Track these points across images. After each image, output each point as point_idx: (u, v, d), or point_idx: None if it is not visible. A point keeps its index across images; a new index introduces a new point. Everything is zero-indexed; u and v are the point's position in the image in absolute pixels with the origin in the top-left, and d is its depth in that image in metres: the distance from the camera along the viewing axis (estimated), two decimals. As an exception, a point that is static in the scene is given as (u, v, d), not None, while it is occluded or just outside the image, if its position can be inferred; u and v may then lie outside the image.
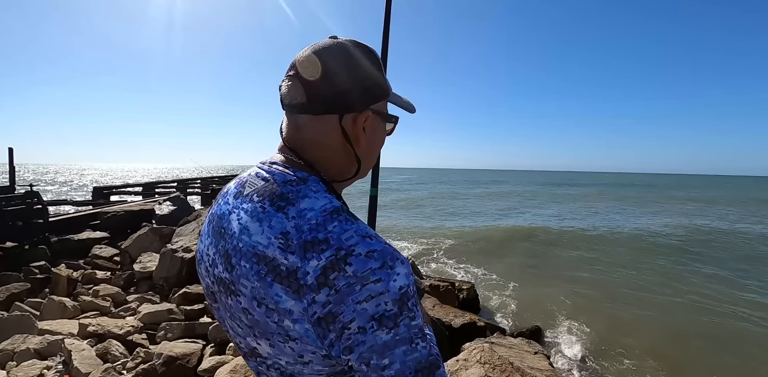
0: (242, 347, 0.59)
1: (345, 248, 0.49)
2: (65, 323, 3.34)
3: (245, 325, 0.55)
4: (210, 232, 0.62)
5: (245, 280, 0.52)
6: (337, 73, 0.58)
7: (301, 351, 0.52)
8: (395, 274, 0.49)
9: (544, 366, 2.73)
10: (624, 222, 17.18)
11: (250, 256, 0.52)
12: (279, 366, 0.56)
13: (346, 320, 0.48)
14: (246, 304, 0.53)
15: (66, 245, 5.89)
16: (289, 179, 0.57)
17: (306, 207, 0.53)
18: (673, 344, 5.22)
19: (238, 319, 0.56)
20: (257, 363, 0.59)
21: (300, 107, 0.59)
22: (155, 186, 16.63)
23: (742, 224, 17.02)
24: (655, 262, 9.92)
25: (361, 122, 0.60)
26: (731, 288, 7.71)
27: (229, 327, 0.60)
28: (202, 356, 2.81)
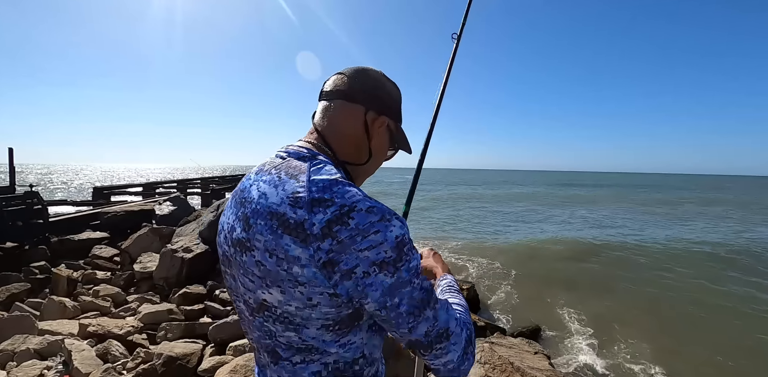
0: (251, 303, 0.65)
1: (348, 205, 0.57)
2: (65, 323, 3.34)
3: (257, 277, 0.61)
4: (232, 204, 0.70)
5: (259, 235, 0.60)
6: (378, 81, 0.75)
7: (310, 293, 0.58)
8: (392, 225, 0.57)
9: (544, 366, 2.73)
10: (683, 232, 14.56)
11: (264, 214, 0.60)
12: (287, 314, 0.62)
13: (350, 266, 0.56)
14: (259, 257, 0.60)
15: (66, 245, 5.89)
16: (302, 155, 0.68)
17: (315, 176, 0.61)
18: (675, 346, 5.21)
19: (250, 274, 0.62)
20: (264, 319, 0.64)
21: (339, 92, 0.73)
22: (155, 186, 16.63)
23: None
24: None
25: (379, 123, 0.75)
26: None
27: (241, 285, 0.66)
28: (202, 356, 2.81)
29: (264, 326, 0.65)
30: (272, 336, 0.65)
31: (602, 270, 9.06)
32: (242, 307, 0.70)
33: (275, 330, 0.64)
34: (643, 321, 5.98)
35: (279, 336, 0.65)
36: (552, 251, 11.18)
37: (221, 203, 6.07)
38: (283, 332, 0.64)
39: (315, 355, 0.65)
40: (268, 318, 0.64)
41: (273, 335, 0.65)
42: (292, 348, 0.65)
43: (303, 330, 0.63)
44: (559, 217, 19.33)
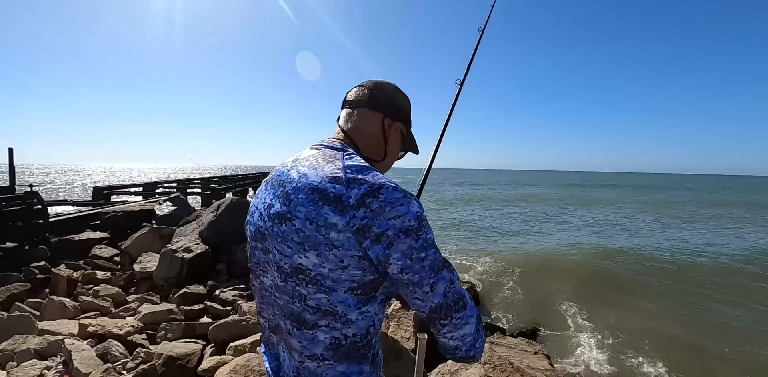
0: (286, 268, 0.74)
1: (377, 184, 0.70)
2: (65, 323, 3.34)
3: (296, 243, 0.71)
4: (268, 187, 0.82)
5: (301, 207, 0.71)
6: (393, 93, 0.91)
7: (342, 256, 0.69)
8: (413, 203, 0.71)
9: (544, 366, 2.73)
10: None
11: (306, 190, 0.72)
12: (320, 277, 0.71)
13: (380, 230, 0.67)
14: (299, 225, 0.70)
15: (66, 245, 5.88)
16: (336, 147, 0.82)
17: (348, 162, 0.75)
18: (676, 347, 5.21)
19: (289, 240, 0.72)
20: (297, 282, 0.73)
21: (361, 102, 0.88)
22: (155, 186, 16.63)
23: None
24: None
25: (394, 127, 0.90)
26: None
27: (277, 252, 0.74)
28: (202, 356, 2.81)
29: (296, 290, 0.73)
30: (303, 299, 0.73)
31: (609, 273, 9.03)
32: (269, 278, 0.78)
33: (307, 292, 0.72)
34: (644, 322, 5.98)
35: (309, 298, 0.72)
36: (556, 252, 11.18)
37: (221, 203, 6.07)
38: (314, 294, 0.72)
39: (337, 322, 0.73)
40: (302, 280, 0.72)
41: (303, 298, 0.73)
42: (319, 312, 0.73)
43: (332, 292, 0.71)
44: (580, 220, 18.29)
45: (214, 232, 5.50)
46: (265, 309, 0.83)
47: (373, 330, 0.78)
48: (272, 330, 0.83)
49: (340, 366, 0.76)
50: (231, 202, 6.06)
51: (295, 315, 0.74)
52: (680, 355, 4.90)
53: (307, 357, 0.76)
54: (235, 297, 4.19)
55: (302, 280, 0.72)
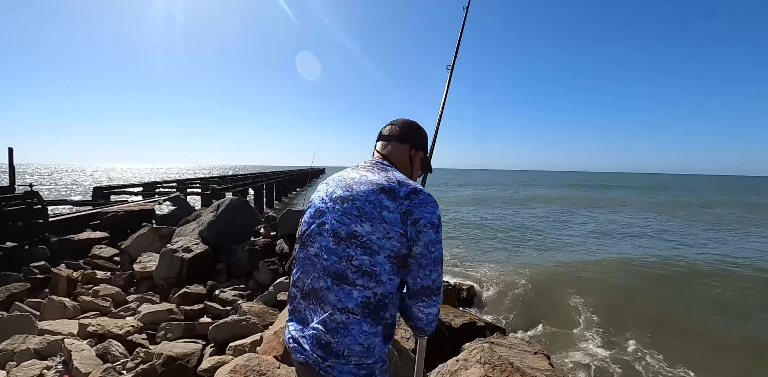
0: (342, 234, 0.99)
1: (418, 189, 1.03)
2: (65, 323, 3.34)
3: (354, 216, 0.98)
4: (330, 183, 1.12)
5: (362, 193, 1.01)
6: (416, 130, 1.25)
7: (389, 230, 0.96)
8: (437, 207, 1.04)
9: (544, 366, 2.73)
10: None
11: (366, 183, 1.03)
12: (369, 242, 0.96)
13: (417, 217, 0.98)
14: (360, 204, 0.99)
15: (66, 245, 5.88)
16: (384, 164, 1.14)
17: (396, 173, 1.10)
18: (678, 348, 5.20)
19: (348, 214, 0.99)
20: (348, 245, 0.97)
21: (394, 136, 1.22)
22: (155, 186, 16.62)
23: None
24: (655, 262, 9.90)
25: (418, 156, 1.25)
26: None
27: (335, 222, 1.00)
28: (202, 356, 2.81)
29: (346, 251, 0.97)
30: (349, 259, 0.96)
31: (610, 276, 9.01)
32: (315, 247, 1.03)
33: (354, 253, 0.96)
34: (646, 323, 5.97)
35: (355, 259, 0.96)
36: (559, 253, 11.17)
37: (221, 203, 6.06)
38: (360, 255, 0.96)
39: (371, 282, 0.96)
40: (353, 244, 0.97)
41: (350, 258, 0.96)
42: (359, 272, 0.96)
43: (375, 255, 0.96)
44: (598, 223, 17.45)
45: (214, 232, 5.49)
46: (301, 278, 1.06)
47: (392, 297, 1.00)
48: (304, 296, 1.04)
49: (364, 323, 0.95)
50: (231, 202, 6.06)
51: (339, 273, 0.97)
52: (683, 357, 4.90)
53: (338, 309, 0.95)
54: (235, 297, 4.19)
55: (353, 243, 0.97)
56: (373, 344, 0.96)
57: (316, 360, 0.95)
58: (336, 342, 0.94)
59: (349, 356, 0.94)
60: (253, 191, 20.18)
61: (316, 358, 0.95)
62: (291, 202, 25.35)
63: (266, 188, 22.30)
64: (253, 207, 6.57)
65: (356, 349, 0.94)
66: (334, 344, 0.94)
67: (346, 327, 0.94)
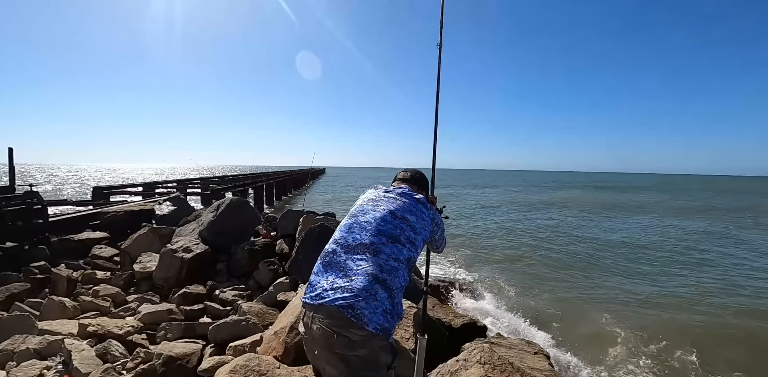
0: (397, 214, 1.54)
1: (437, 208, 1.82)
2: (65, 323, 3.33)
3: (406, 209, 1.57)
4: (379, 188, 1.75)
5: (402, 202, 1.60)
6: (422, 176, 1.94)
7: (426, 224, 1.61)
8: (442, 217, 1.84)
9: (544, 367, 2.73)
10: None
11: (405, 194, 1.66)
12: (413, 225, 1.53)
13: (438, 222, 1.71)
14: (409, 205, 1.60)
15: (66, 245, 5.88)
16: (411, 190, 1.77)
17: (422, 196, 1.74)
18: (678, 344, 5.20)
19: (401, 206, 1.58)
20: (401, 221, 1.52)
21: (406, 180, 1.88)
22: (155, 186, 16.62)
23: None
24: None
25: (421, 193, 1.82)
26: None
27: (391, 205, 1.58)
28: (201, 356, 2.81)
29: (400, 225, 1.49)
30: (403, 230, 1.48)
31: (610, 277, 9.03)
32: (368, 217, 1.52)
33: (405, 229, 1.50)
34: (647, 324, 5.97)
35: (406, 232, 1.49)
36: (562, 254, 11.17)
37: (221, 203, 6.06)
38: (409, 231, 1.50)
39: (413, 249, 1.48)
40: (404, 223, 1.51)
41: (403, 230, 1.49)
42: (408, 240, 1.47)
43: (417, 235, 1.53)
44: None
45: (213, 232, 5.49)
46: (346, 237, 1.46)
47: (412, 263, 1.48)
48: (349, 250, 1.41)
49: (405, 270, 1.41)
50: (231, 202, 6.05)
51: (394, 236, 1.45)
52: (684, 358, 4.90)
53: (393, 258, 1.38)
54: (235, 297, 4.19)
55: (404, 223, 1.51)
56: (406, 282, 1.41)
57: (363, 295, 1.26)
58: (390, 280, 1.33)
59: (393, 289, 1.33)
60: (253, 191, 20.17)
61: (366, 294, 1.27)
62: (291, 202, 25.34)
63: (266, 188, 22.29)
64: (253, 207, 6.57)
65: (400, 285, 1.37)
66: (389, 281, 1.32)
67: (396, 270, 1.37)
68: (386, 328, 1.28)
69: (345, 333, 1.25)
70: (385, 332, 1.27)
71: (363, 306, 1.26)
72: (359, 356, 1.26)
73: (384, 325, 1.27)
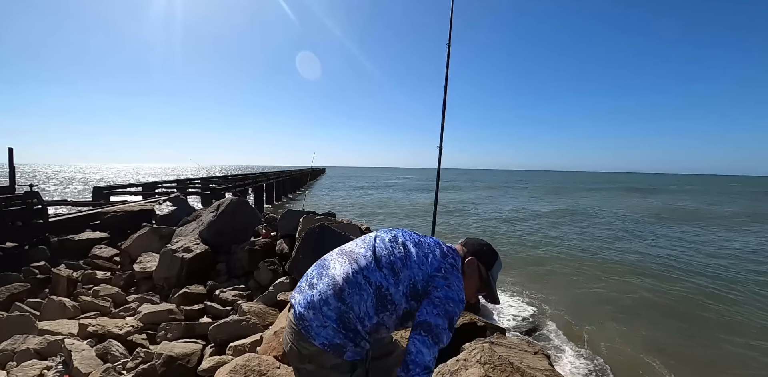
0: (409, 246, 1.32)
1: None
2: (65, 323, 3.33)
3: (411, 238, 1.35)
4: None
5: (428, 247, 1.32)
6: (477, 244, 1.44)
7: (424, 266, 1.26)
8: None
9: (544, 366, 2.72)
10: None
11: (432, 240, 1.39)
12: (403, 258, 1.25)
13: (449, 280, 1.27)
14: (419, 239, 1.36)
15: (66, 245, 5.88)
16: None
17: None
18: (677, 345, 5.21)
19: (411, 243, 1.32)
20: (390, 250, 1.29)
21: (464, 247, 1.43)
22: (155, 186, 16.62)
23: None
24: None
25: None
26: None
27: (407, 246, 1.32)
28: (202, 356, 2.81)
29: (394, 250, 1.28)
30: (393, 255, 1.27)
31: (611, 279, 9.02)
32: (379, 241, 1.33)
33: (397, 254, 1.27)
34: (648, 325, 5.97)
35: (395, 256, 1.26)
36: (564, 253, 11.16)
37: (221, 203, 6.06)
38: (397, 260, 1.26)
39: (380, 275, 1.23)
40: (399, 247, 1.31)
41: (394, 255, 1.26)
42: (382, 263, 1.25)
43: (401, 273, 1.26)
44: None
45: (214, 232, 5.49)
46: (350, 244, 1.37)
47: (383, 298, 1.25)
48: (339, 252, 1.33)
49: (368, 295, 1.22)
50: (231, 202, 6.05)
51: (387, 260, 1.25)
52: (685, 358, 4.90)
53: (363, 275, 1.22)
54: (235, 297, 4.19)
55: (401, 248, 1.29)
56: (366, 309, 1.24)
57: (314, 306, 1.22)
58: (348, 293, 1.18)
59: (351, 304, 1.20)
60: (253, 191, 20.17)
61: (319, 304, 1.21)
62: (291, 202, 25.35)
63: (266, 188, 22.29)
64: (253, 207, 6.57)
65: (357, 302, 1.20)
66: (347, 294, 1.19)
67: (361, 288, 1.20)
68: (337, 345, 1.13)
69: (296, 345, 1.18)
70: (336, 349, 1.13)
71: (311, 318, 1.16)
72: (308, 370, 1.18)
73: (334, 341, 1.13)
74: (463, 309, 1.17)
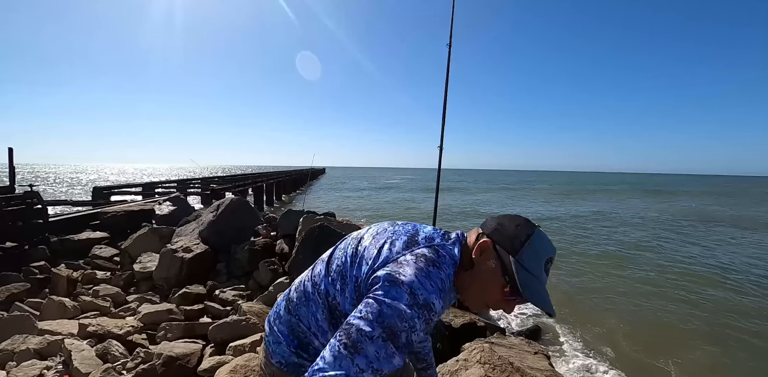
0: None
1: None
2: (65, 323, 3.33)
3: (381, 233, 0.98)
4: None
5: (394, 235, 0.97)
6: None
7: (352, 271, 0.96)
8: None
9: (544, 366, 2.73)
10: None
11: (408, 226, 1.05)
12: (368, 255, 0.92)
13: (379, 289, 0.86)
14: (397, 234, 0.97)
15: (66, 245, 5.88)
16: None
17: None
18: (681, 344, 5.20)
19: (376, 234, 0.98)
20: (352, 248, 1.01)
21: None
22: (155, 186, 16.62)
23: None
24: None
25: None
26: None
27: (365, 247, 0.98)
28: (202, 356, 2.81)
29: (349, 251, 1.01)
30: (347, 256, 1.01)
31: (616, 278, 9.01)
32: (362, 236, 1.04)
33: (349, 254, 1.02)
34: (644, 324, 5.97)
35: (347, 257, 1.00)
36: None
37: (221, 203, 6.06)
38: (347, 263, 1.00)
39: (328, 280, 1.01)
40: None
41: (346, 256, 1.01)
42: (332, 268, 1.03)
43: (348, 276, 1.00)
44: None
45: (213, 232, 5.49)
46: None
47: (330, 305, 1.06)
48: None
49: (316, 306, 1.03)
50: (231, 202, 6.05)
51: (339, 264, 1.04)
52: (679, 352, 4.89)
53: (313, 281, 1.05)
54: (235, 297, 4.19)
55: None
56: (317, 323, 1.08)
57: (273, 318, 1.11)
58: (297, 304, 1.05)
59: (300, 317, 1.07)
60: (253, 191, 20.17)
61: (274, 317, 1.12)
62: (291, 202, 25.35)
63: (266, 188, 22.30)
64: (253, 207, 6.57)
65: (306, 315, 1.06)
66: (293, 305, 1.05)
67: (309, 297, 1.05)
68: (294, 364, 0.98)
69: (262, 363, 1.07)
70: (294, 369, 0.98)
71: (268, 332, 1.05)
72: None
73: (291, 360, 0.98)
74: (428, 318, 0.78)
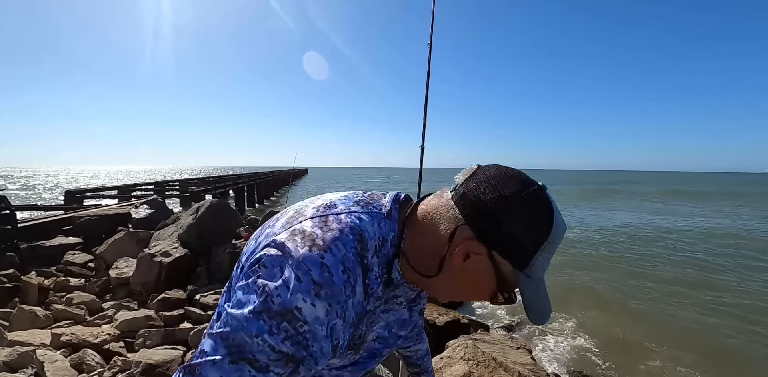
0: None
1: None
2: (37, 333, 3.21)
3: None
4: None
5: (286, 215, 0.71)
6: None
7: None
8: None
9: (526, 361, 2.78)
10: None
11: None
12: (248, 248, 0.70)
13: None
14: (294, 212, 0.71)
15: (36, 251, 5.64)
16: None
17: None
18: (661, 340, 5.36)
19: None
20: None
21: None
22: (132, 189, 16.14)
23: None
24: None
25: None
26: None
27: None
28: (182, 362, 2.75)
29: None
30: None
31: (600, 275, 9.21)
32: None
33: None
34: (631, 319, 6.14)
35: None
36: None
37: (201, 206, 5.94)
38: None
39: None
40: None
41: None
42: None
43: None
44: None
45: (193, 235, 5.37)
46: None
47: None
48: None
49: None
50: (211, 204, 5.94)
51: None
52: (669, 352, 5.06)
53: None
54: (216, 301, 4.12)
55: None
56: None
57: None
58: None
59: None
60: (234, 193, 19.84)
61: None
62: (273, 204, 25.04)
63: (247, 189, 21.97)
64: (233, 209, 6.46)
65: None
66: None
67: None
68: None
69: None
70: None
71: None
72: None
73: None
74: (293, 335, 0.50)
